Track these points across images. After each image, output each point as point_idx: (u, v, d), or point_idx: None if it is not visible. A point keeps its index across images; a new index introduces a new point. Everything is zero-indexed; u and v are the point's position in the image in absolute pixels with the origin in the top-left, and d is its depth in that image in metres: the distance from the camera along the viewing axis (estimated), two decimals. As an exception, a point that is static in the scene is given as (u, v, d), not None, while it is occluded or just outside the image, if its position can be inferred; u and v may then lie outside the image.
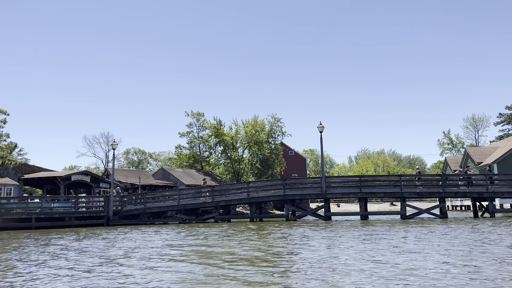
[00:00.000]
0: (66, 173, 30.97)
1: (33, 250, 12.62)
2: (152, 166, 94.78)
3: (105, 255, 10.82)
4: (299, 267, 7.59)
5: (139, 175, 40.55)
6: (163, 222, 28.43)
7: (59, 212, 26.88)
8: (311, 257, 8.89)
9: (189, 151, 56.49)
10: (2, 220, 25.79)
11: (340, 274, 6.82)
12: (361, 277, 6.51)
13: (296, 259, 8.77)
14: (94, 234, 18.80)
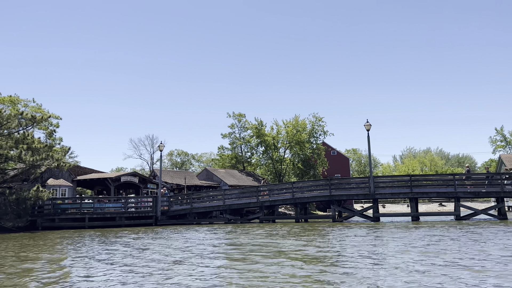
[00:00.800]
0: (116, 175, 32.06)
1: (119, 249, 13.05)
2: (195, 167, 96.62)
3: (198, 253, 10.97)
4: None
5: (185, 176, 41.32)
6: (208, 222, 28.74)
7: (110, 212, 27.84)
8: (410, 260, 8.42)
9: (231, 152, 56.97)
10: (58, 220, 27.09)
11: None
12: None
13: (399, 262, 8.29)
14: (155, 233, 19.26)
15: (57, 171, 30.10)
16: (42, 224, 26.70)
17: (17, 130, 27.83)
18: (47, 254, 12.19)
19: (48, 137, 33.22)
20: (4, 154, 25.27)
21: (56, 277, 7.98)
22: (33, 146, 26.33)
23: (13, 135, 27.44)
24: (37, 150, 26.48)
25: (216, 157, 75.76)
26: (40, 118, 27.65)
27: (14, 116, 27.03)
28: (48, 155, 26.77)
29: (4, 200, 24.74)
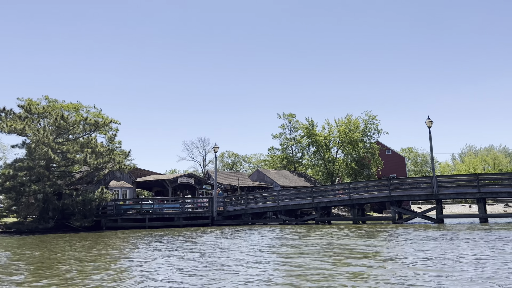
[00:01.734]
0: (173, 176, 33.00)
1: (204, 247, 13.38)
2: (245, 168, 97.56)
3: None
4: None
5: (238, 177, 41.71)
6: (263, 222, 28.74)
7: (168, 212, 28.66)
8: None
9: (281, 153, 56.78)
10: (121, 220, 28.30)
11: None
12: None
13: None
14: (222, 233, 19.58)
15: (119, 173, 31.53)
16: (106, 224, 28.00)
17: (81, 135, 29.49)
18: (136, 254, 12.65)
19: (109, 141, 34.95)
20: (71, 157, 26.83)
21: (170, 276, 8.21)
22: (97, 149, 27.77)
23: (78, 139, 29.11)
24: (100, 154, 27.88)
25: (266, 158, 75.96)
26: (102, 123, 29.11)
27: (79, 122, 28.66)
28: (110, 158, 28.10)
29: (72, 201, 26.26)
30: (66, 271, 9.18)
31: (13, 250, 15.01)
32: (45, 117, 28.19)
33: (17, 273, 9.23)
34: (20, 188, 25.41)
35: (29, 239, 19.99)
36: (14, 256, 12.88)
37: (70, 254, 12.66)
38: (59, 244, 17.03)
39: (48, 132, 26.30)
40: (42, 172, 25.97)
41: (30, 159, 26.12)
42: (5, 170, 25.01)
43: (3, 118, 26.57)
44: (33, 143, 26.32)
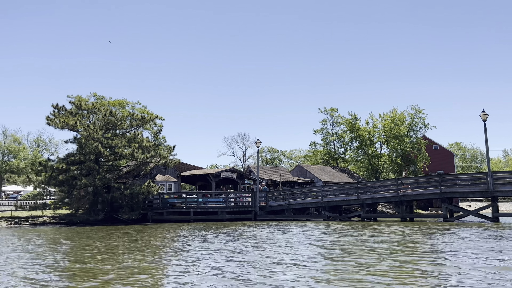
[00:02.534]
0: (216, 171, 33.31)
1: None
2: (284, 163, 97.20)
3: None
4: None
5: (279, 172, 41.50)
6: (306, 218, 28.34)
7: (212, 206, 28.92)
8: None
9: (323, 148, 55.90)
10: (166, 213, 28.89)
11: None
12: None
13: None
14: (272, 228, 19.55)
15: (164, 168, 32.21)
16: (152, 217, 28.69)
17: (128, 130, 30.33)
18: (197, 245, 12.82)
19: (154, 136, 35.77)
20: (119, 152, 27.66)
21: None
22: (143, 144, 28.45)
23: (125, 134, 29.97)
24: (147, 148, 28.55)
25: (306, 153, 75.12)
26: (148, 119, 29.78)
27: (126, 117, 29.47)
28: (156, 152, 28.72)
29: (120, 194, 27.10)
30: (135, 260, 9.40)
31: (75, 240, 15.64)
32: (94, 113, 29.23)
33: (88, 261, 9.57)
34: (72, 181, 26.53)
35: (84, 230, 20.82)
36: (79, 246, 13.39)
37: (132, 245, 13.01)
38: (115, 235, 17.62)
39: (97, 128, 27.25)
40: (92, 166, 26.96)
41: (81, 153, 27.20)
42: (58, 164, 26.16)
43: (56, 114, 27.80)
44: (83, 138, 27.38)
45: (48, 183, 26.65)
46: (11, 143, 57.33)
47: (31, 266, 9.04)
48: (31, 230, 21.38)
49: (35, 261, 9.92)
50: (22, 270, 8.51)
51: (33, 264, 9.45)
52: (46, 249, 12.54)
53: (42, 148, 66.13)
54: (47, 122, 26.78)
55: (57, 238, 16.50)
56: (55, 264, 9.35)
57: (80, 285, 6.89)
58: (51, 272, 8.24)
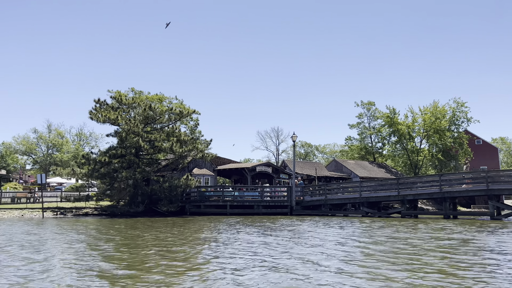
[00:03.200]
0: (252, 165, 33.36)
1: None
2: (318, 158, 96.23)
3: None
4: None
5: (315, 167, 41.05)
6: (343, 214, 27.88)
7: (248, 200, 29.00)
8: None
9: (359, 143, 54.76)
10: (203, 206, 29.25)
11: None
12: None
13: None
14: (313, 222, 19.43)
15: (201, 161, 32.58)
16: (190, 210, 29.12)
17: (167, 124, 30.85)
18: (245, 236, 12.92)
19: (191, 131, 36.22)
20: (158, 146, 28.19)
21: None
22: (181, 138, 28.86)
23: (164, 128, 30.51)
24: (185, 142, 28.95)
25: (342, 148, 73.95)
26: (186, 113, 30.15)
27: (165, 112, 29.96)
28: (193, 146, 29.07)
29: (159, 187, 27.65)
30: (181, 248, 9.51)
31: (122, 231, 16.09)
32: (134, 108, 29.89)
33: (141, 249, 9.79)
34: (113, 174, 27.31)
35: (128, 222, 21.42)
36: (131, 237, 13.76)
37: (181, 237, 13.25)
38: (159, 226, 18.03)
39: (137, 122, 27.86)
40: (132, 159, 27.64)
41: (122, 147, 27.93)
42: (101, 157, 26.98)
43: (98, 109, 28.65)
44: (124, 132, 28.08)
45: (91, 176, 27.57)
46: (55, 137, 59.94)
47: (93, 256, 9.30)
48: (76, 221, 22.22)
49: (95, 251, 10.20)
50: (83, 259, 8.78)
51: (96, 254, 9.71)
52: (101, 240, 12.92)
53: (83, 142, 68.69)
54: (89, 117, 27.68)
55: (106, 229, 17.02)
56: (118, 255, 9.58)
57: (145, 275, 7.01)
58: (111, 262, 8.44)
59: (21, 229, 16.38)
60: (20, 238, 13.14)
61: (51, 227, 17.90)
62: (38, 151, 59.07)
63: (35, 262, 8.37)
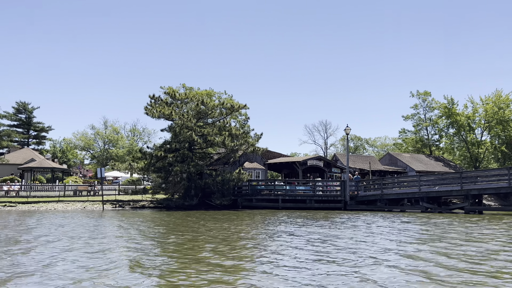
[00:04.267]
0: (303, 159, 32.93)
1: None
2: (368, 152, 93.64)
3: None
4: None
5: (368, 161, 39.82)
6: (400, 209, 26.74)
7: (300, 194, 28.62)
8: None
9: (414, 135, 52.42)
10: (255, 200, 29.26)
11: None
12: None
13: None
14: (375, 217, 18.87)
15: (252, 155, 32.62)
16: (242, 203, 29.24)
17: (218, 119, 31.12)
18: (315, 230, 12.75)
19: (242, 125, 36.33)
20: (211, 140, 28.51)
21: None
22: (233, 132, 28.99)
23: (215, 123, 30.81)
24: (236, 136, 29.06)
25: (394, 141, 71.39)
26: (237, 107, 30.21)
27: (217, 106, 30.22)
28: (245, 140, 29.11)
29: (213, 180, 27.99)
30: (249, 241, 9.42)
31: (184, 224, 16.40)
32: (187, 103, 30.43)
33: (212, 242, 9.83)
34: (169, 168, 27.99)
35: (186, 214, 21.84)
36: (198, 228, 13.97)
37: (244, 229, 13.25)
38: (217, 219, 18.18)
39: (190, 117, 28.31)
40: (186, 153, 28.17)
41: (176, 141, 28.52)
42: (157, 151, 27.73)
43: (153, 105, 29.44)
44: (177, 127, 28.67)
45: (147, 170, 28.45)
46: (110, 133, 62.79)
47: (165, 248, 9.45)
48: (136, 213, 22.98)
49: (165, 243, 10.37)
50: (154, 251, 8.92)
51: (166, 246, 9.88)
52: (173, 231, 13.16)
53: (137, 137, 71.43)
54: (145, 112, 28.48)
55: (170, 221, 17.41)
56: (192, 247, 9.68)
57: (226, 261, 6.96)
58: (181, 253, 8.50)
59: (88, 221, 17.11)
60: (93, 228, 13.69)
61: (114, 219, 18.58)
62: (95, 146, 62.17)
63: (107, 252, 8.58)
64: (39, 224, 15.36)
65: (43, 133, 67.59)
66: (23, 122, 64.78)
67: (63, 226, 14.74)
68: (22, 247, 9.56)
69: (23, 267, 7.08)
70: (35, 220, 17.43)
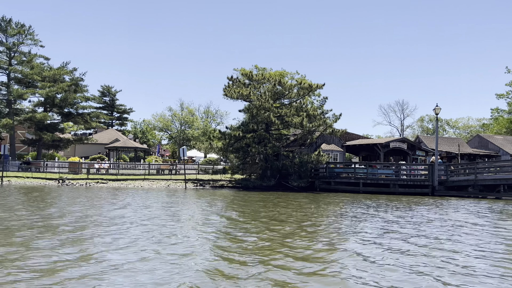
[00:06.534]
0: (386, 140, 31.22)
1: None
2: (449, 133, 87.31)
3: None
4: None
5: (456, 143, 36.81)
6: (495, 197, 24.29)
7: (383, 178, 27.19)
8: None
9: (509, 115, 47.44)
10: (334, 183, 28.37)
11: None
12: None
13: None
14: (475, 205, 17.47)
15: (329, 137, 31.60)
16: (320, 186, 28.54)
17: (295, 100, 30.42)
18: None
19: (320, 105, 35.25)
20: (288, 121, 27.99)
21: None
22: (310, 113, 28.16)
23: (292, 104, 30.17)
24: (314, 117, 28.21)
25: (480, 122, 65.52)
26: (315, 87, 29.22)
27: (294, 86, 29.51)
28: (323, 121, 28.17)
29: (290, 162, 27.57)
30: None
31: (271, 204, 16.29)
32: (264, 83, 30.06)
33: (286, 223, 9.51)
34: (247, 149, 28.04)
35: (264, 195, 21.79)
36: (293, 209, 13.78)
37: (339, 210, 12.76)
38: (297, 200, 17.83)
39: (268, 97, 27.94)
40: (263, 134, 27.98)
41: (254, 122, 28.41)
42: (235, 132, 27.87)
43: (230, 86, 29.50)
44: (254, 108, 28.48)
45: (225, 150, 28.78)
46: (186, 115, 64.85)
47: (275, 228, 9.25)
48: (217, 193, 23.40)
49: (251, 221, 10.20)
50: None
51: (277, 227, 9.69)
52: (260, 211, 13.07)
53: (210, 119, 73.16)
54: (224, 93, 28.63)
55: (255, 201, 17.40)
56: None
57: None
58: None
59: (175, 199, 17.62)
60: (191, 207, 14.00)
61: (202, 198, 18.95)
62: (172, 127, 64.68)
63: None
64: (133, 200, 16.09)
65: (125, 114, 72.00)
66: (107, 105, 69.44)
67: (158, 202, 15.28)
68: (127, 220, 9.88)
69: (132, 237, 7.17)
70: (127, 196, 18.36)
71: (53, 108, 40.56)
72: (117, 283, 5.01)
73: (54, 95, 38.27)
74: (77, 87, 40.33)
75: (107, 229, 8.90)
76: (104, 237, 7.92)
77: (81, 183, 28.58)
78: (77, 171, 32.95)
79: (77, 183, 28.70)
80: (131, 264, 5.89)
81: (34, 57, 39.77)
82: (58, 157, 41.78)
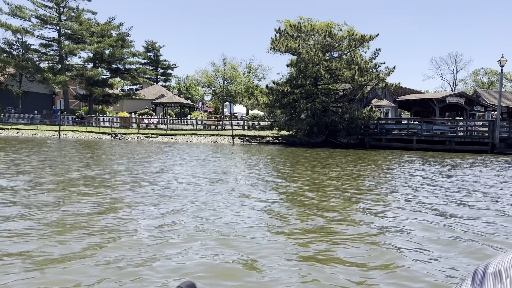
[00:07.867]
0: (442, 95, 29.44)
1: None
2: (505, 88, 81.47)
3: None
4: None
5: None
6: None
7: (438, 135, 25.91)
8: None
9: None
10: (385, 140, 27.41)
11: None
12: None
13: None
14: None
15: (380, 92, 30.22)
16: (370, 143, 27.68)
17: (345, 52, 29.00)
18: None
19: (371, 57, 33.50)
20: (339, 75, 26.87)
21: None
22: (362, 66, 26.82)
23: (342, 56, 28.82)
24: (366, 70, 26.87)
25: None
26: (368, 38, 27.58)
27: (345, 38, 28.03)
28: (376, 75, 26.81)
29: (340, 118, 26.78)
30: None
31: (319, 160, 15.99)
32: (312, 35, 28.74)
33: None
34: (294, 104, 27.42)
35: (312, 151, 21.44)
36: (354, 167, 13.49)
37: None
38: (349, 158, 17.38)
39: (317, 50, 26.79)
40: (311, 89, 27.13)
41: (301, 77, 27.53)
42: (283, 87, 27.20)
43: (278, 38, 28.44)
44: (302, 62, 27.45)
45: (272, 106, 28.33)
46: (229, 70, 64.31)
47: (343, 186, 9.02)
48: (264, 148, 23.30)
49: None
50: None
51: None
52: (310, 167, 12.83)
53: (252, 74, 72.23)
54: (271, 46, 27.74)
55: (302, 156, 17.15)
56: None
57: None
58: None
59: (227, 154, 17.66)
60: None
61: (251, 153, 18.91)
62: (216, 83, 64.58)
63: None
64: (191, 154, 16.30)
65: (169, 70, 72.48)
66: (152, 60, 69.98)
67: (212, 156, 15.37)
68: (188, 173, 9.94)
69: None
70: (183, 151, 18.64)
71: (101, 64, 41.36)
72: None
73: (102, 51, 38.85)
74: (123, 43, 40.64)
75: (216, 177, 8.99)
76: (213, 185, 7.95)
77: (132, 137, 29.43)
78: (128, 126, 33.92)
79: (129, 137, 29.58)
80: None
81: (82, 12, 40.15)
82: (108, 112, 43.15)
